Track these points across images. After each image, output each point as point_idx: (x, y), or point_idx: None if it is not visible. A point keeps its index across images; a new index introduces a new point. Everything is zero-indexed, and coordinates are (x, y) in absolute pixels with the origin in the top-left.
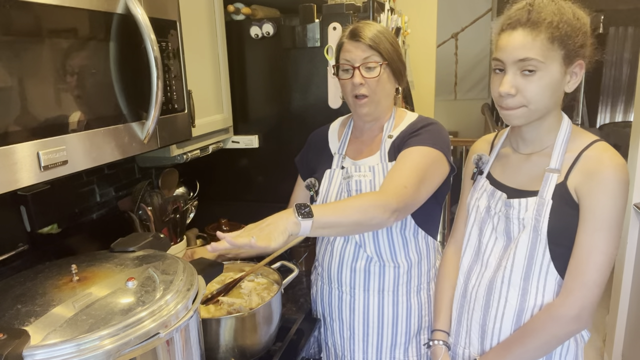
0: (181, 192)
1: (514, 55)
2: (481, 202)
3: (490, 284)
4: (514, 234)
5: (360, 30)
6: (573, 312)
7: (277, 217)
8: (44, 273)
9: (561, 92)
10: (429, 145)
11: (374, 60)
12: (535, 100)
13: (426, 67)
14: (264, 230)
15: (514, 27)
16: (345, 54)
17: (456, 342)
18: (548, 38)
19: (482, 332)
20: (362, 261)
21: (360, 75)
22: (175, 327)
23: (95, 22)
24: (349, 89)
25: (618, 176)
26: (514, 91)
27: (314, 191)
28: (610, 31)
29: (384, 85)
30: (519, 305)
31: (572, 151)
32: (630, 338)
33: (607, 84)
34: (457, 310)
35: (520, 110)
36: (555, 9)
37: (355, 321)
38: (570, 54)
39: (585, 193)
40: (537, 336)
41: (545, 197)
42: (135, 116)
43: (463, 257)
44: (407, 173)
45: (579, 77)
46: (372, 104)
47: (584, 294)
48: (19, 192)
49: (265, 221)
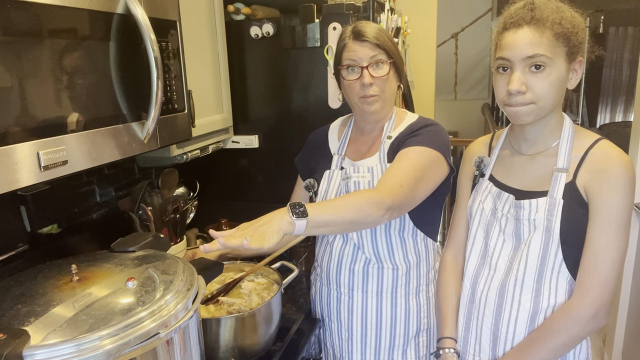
0: (181, 192)
1: (522, 52)
2: (486, 205)
3: (502, 287)
4: (524, 235)
5: (363, 30)
6: (592, 311)
7: (271, 217)
8: (44, 273)
9: (564, 90)
10: (428, 146)
11: (381, 59)
12: (544, 96)
13: (426, 67)
14: (257, 230)
15: (519, 25)
16: (350, 54)
17: (465, 350)
18: (554, 35)
19: (494, 337)
20: (360, 263)
21: (369, 75)
22: (175, 327)
23: (95, 22)
24: (356, 90)
25: (627, 173)
26: (525, 88)
27: (313, 192)
28: (610, 31)
29: (391, 83)
30: (533, 308)
31: (578, 150)
32: (630, 338)
33: (607, 84)
34: (464, 316)
35: (529, 107)
36: (555, 8)
37: (354, 322)
38: (572, 50)
39: (596, 191)
40: (557, 337)
41: (556, 196)
42: (135, 116)
43: (468, 261)
44: (404, 172)
45: (579, 74)
46: (381, 101)
47: (601, 292)
48: (19, 192)
49: (259, 220)
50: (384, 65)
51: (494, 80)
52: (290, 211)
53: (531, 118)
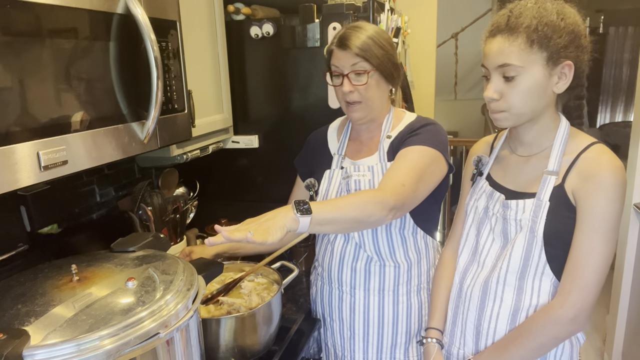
0: (181, 192)
1: (494, 61)
2: (480, 203)
3: (485, 283)
4: (511, 235)
5: (347, 38)
6: (571, 314)
7: (276, 213)
8: (44, 273)
9: (550, 94)
10: (427, 145)
11: (361, 68)
12: (517, 105)
13: (426, 67)
14: (262, 225)
15: (494, 35)
16: (334, 60)
17: (451, 342)
18: (525, 42)
19: (477, 332)
20: (362, 261)
21: (349, 83)
22: (175, 327)
23: (95, 22)
24: (340, 95)
25: (616, 178)
26: (498, 96)
27: (313, 191)
28: (610, 31)
29: (374, 91)
30: (514, 305)
31: (570, 153)
32: (630, 338)
33: (607, 84)
34: (452, 310)
35: (503, 114)
36: (535, 12)
37: (356, 321)
38: (554, 55)
39: (583, 195)
40: (535, 337)
41: (542, 198)
42: (135, 116)
43: (460, 257)
44: (405, 171)
45: (568, 77)
46: (365, 108)
47: (582, 296)
48: (19, 192)
49: (264, 216)
50: (364, 75)
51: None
52: (294, 208)
53: (508, 123)
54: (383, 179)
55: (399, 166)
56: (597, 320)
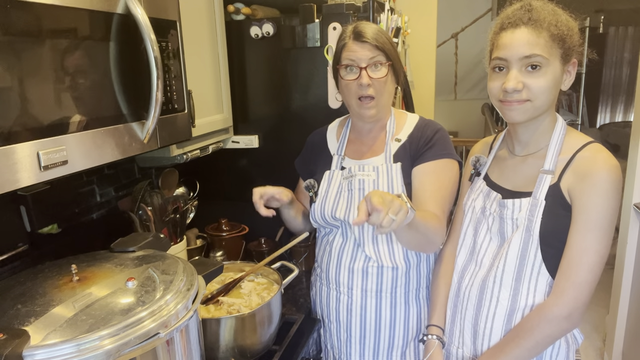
0: (181, 192)
1: (519, 52)
2: (477, 203)
3: (483, 283)
4: (508, 234)
5: (364, 30)
6: (565, 312)
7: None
8: (44, 273)
9: (558, 91)
10: (448, 157)
11: (380, 61)
12: (540, 96)
13: (426, 67)
14: (394, 202)
15: (517, 25)
16: (349, 53)
17: (450, 342)
18: (550, 36)
19: (474, 331)
20: (360, 261)
21: (367, 75)
22: (175, 327)
23: (95, 22)
24: (353, 90)
25: (611, 177)
26: (521, 86)
27: (313, 192)
28: (610, 31)
29: (389, 86)
30: (510, 306)
31: (566, 152)
32: (630, 338)
33: (607, 84)
34: (450, 309)
35: (525, 105)
36: (551, 10)
37: (352, 323)
38: (567, 52)
39: (578, 194)
40: (530, 336)
41: (538, 197)
42: (135, 116)
43: (458, 256)
44: (439, 203)
45: (572, 75)
46: (377, 105)
47: (576, 294)
48: (19, 192)
49: (388, 194)
50: (382, 67)
51: (489, 79)
52: (407, 200)
53: (526, 116)
54: (418, 203)
55: (431, 194)
56: (597, 320)
